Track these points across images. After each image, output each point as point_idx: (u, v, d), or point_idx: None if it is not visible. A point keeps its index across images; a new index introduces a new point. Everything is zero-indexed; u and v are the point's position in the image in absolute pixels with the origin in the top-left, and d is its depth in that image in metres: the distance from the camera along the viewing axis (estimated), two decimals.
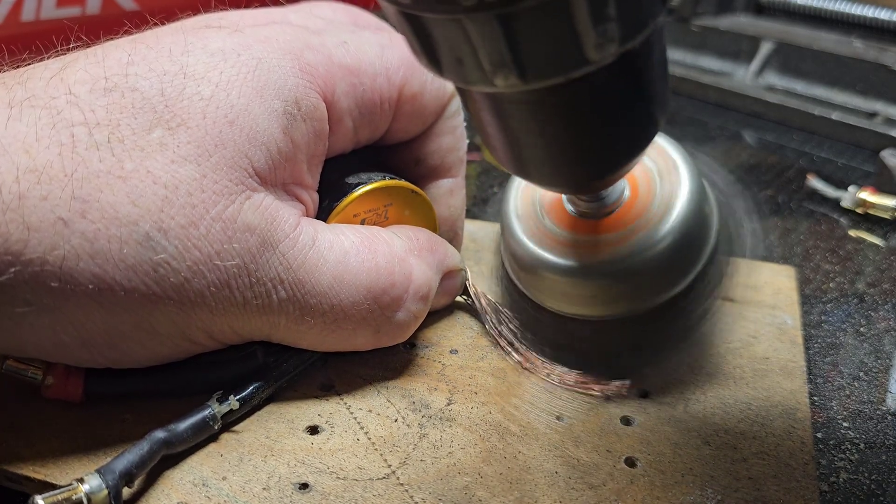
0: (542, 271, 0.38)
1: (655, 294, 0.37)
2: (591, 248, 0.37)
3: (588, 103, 0.28)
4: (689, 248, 0.37)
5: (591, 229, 0.37)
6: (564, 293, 0.38)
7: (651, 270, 0.36)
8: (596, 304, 0.38)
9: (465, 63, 0.26)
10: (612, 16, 0.24)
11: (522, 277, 0.40)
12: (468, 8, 0.23)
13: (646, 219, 0.37)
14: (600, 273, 0.37)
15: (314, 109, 0.35)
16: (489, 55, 0.25)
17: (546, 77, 0.26)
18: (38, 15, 0.52)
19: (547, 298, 0.39)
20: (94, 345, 0.32)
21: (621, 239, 0.37)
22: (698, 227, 0.37)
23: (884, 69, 0.65)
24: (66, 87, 0.32)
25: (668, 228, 0.36)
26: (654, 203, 0.37)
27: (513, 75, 0.25)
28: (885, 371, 0.41)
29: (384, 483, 0.33)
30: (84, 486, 0.30)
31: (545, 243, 0.38)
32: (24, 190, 0.29)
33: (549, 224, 0.39)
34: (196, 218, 0.32)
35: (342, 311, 0.36)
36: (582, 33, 0.24)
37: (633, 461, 0.34)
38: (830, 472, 0.35)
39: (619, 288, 0.37)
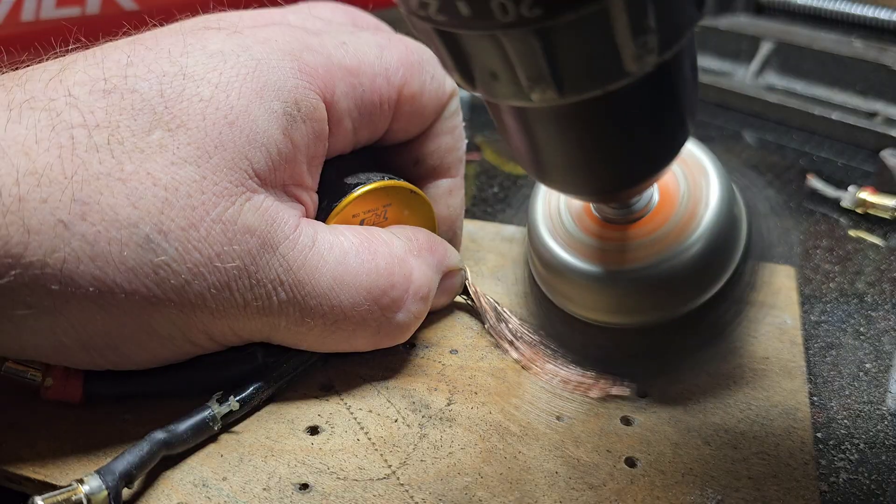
0: (569, 277, 0.37)
1: (684, 302, 0.36)
2: (619, 254, 0.36)
3: (622, 114, 0.28)
4: (719, 255, 0.36)
5: (619, 236, 0.37)
6: (590, 300, 0.37)
7: (680, 278, 0.35)
8: (622, 311, 0.37)
9: (500, 78, 0.25)
10: (651, 27, 0.24)
11: (548, 283, 0.39)
12: (506, 24, 0.23)
13: (674, 225, 0.36)
14: (627, 280, 0.36)
15: (314, 110, 0.35)
16: (526, 70, 0.24)
17: (584, 91, 0.25)
18: (38, 15, 0.52)
19: (572, 305, 0.38)
20: (94, 347, 0.32)
21: (649, 245, 0.36)
22: (728, 233, 0.36)
23: (884, 69, 0.66)
24: (65, 88, 0.32)
25: (697, 235, 0.35)
26: (683, 209, 0.36)
27: (550, 90, 0.25)
28: (885, 371, 0.41)
29: (384, 483, 0.33)
30: (84, 487, 0.30)
31: (572, 249, 0.37)
32: (24, 192, 0.29)
33: (576, 230, 0.38)
34: (196, 220, 0.32)
35: (342, 312, 0.36)
36: (621, 46, 0.24)
37: (633, 461, 0.34)
38: (830, 472, 0.35)
39: (645, 296, 0.36)
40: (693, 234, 0.35)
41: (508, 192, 0.59)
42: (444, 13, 0.23)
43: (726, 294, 0.37)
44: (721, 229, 0.36)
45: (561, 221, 0.38)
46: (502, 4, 0.22)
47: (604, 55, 0.24)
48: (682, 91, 0.29)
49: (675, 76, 0.28)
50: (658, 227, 0.36)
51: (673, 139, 0.30)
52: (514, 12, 0.22)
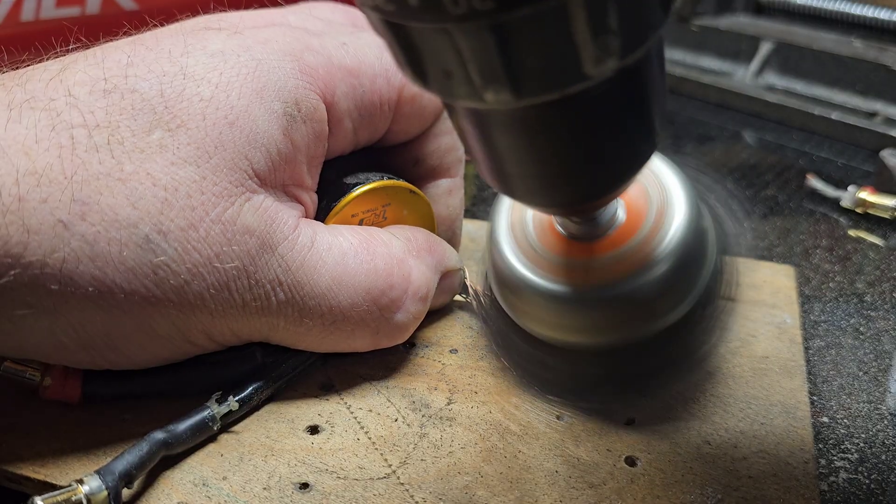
0: (531, 296, 0.36)
1: (651, 321, 0.35)
2: (583, 272, 0.35)
3: (583, 120, 0.26)
4: (687, 272, 0.35)
5: (584, 252, 0.35)
6: (552, 319, 0.36)
7: (647, 296, 0.34)
8: (585, 331, 0.35)
9: (453, 76, 0.24)
10: (612, 28, 0.23)
11: (510, 301, 0.38)
12: (458, 17, 0.21)
13: (641, 241, 0.34)
14: (593, 299, 0.34)
15: (314, 111, 0.35)
16: (480, 68, 0.23)
17: (540, 93, 0.24)
18: (38, 15, 0.52)
19: (533, 323, 0.37)
20: (93, 347, 0.32)
21: (615, 263, 0.34)
22: (696, 249, 0.35)
23: (884, 69, 0.66)
24: (65, 88, 0.32)
25: (664, 251, 0.34)
26: (649, 224, 0.35)
27: (505, 90, 0.24)
28: (885, 371, 0.41)
29: (385, 483, 0.33)
30: (84, 487, 0.30)
31: (535, 266, 0.36)
32: (24, 192, 0.29)
33: (539, 246, 0.36)
34: (196, 220, 0.32)
35: (341, 312, 0.36)
36: (580, 46, 0.23)
37: (633, 460, 0.34)
38: (830, 472, 0.35)
39: (612, 315, 0.35)
40: (659, 253, 0.34)
41: None
42: (392, 2, 0.22)
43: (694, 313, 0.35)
44: (688, 246, 0.34)
45: (524, 236, 0.37)
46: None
47: (562, 56, 0.23)
48: (647, 99, 0.27)
49: (639, 83, 0.26)
50: (623, 244, 0.35)
51: (638, 150, 0.29)
52: (466, 4, 0.21)
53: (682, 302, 0.35)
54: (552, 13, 0.22)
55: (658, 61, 0.28)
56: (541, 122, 0.26)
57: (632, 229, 0.35)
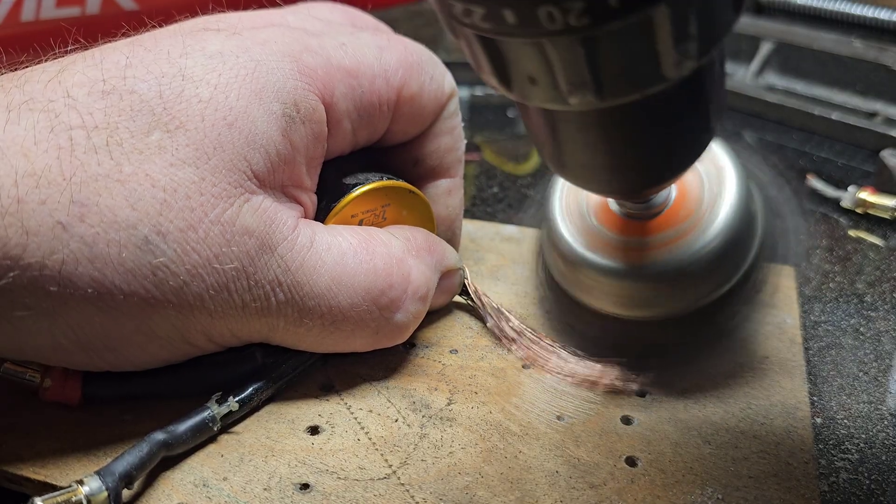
0: (589, 272, 0.38)
1: (701, 296, 0.37)
2: (639, 249, 0.37)
3: (655, 117, 0.28)
4: (737, 250, 0.37)
5: (639, 231, 0.37)
6: (610, 294, 0.38)
7: (699, 272, 0.36)
8: (641, 305, 0.38)
9: (538, 83, 0.25)
10: (693, 34, 0.24)
11: (568, 277, 0.40)
12: (553, 32, 0.23)
13: (694, 220, 0.36)
14: (647, 275, 0.36)
15: (313, 112, 0.35)
16: (567, 76, 0.25)
17: (623, 96, 0.25)
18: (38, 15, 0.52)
19: (591, 298, 0.39)
20: (93, 348, 0.32)
21: (669, 241, 0.36)
22: (745, 229, 0.37)
23: (884, 69, 0.65)
24: (63, 89, 0.32)
25: (716, 230, 0.36)
26: (702, 204, 0.37)
27: (589, 95, 0.25)
28: (885, 371, 0.41)
29: (385, 483, 0.33)
30: (84, 488, 0.30)
31: (592, 244, 0.38)
32: (23, 194, 0.29)
33: (596, 225, 0.38)
34: (195, 221, 0.32)
35: (341, 312, 0.36)
36: (662, 53, 0.24)
37: (633, 460, 0.34)
38: (830, 472, 0.35)
39: (665, 290, 0.37)
40: (712, 229, 0.36)
41: (508, 192, 0.59)
42: (489, 21, 0.23)
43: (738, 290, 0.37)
44: (739, 224, 0.36)
45: (581, 216, 0.39)
46: (550, 13, 0.22)
47: (644, 61, 0.24)
48: (713, 93, 0.29)
49: (707, 79, 0.28)
50: (676, 224, 0.36)
51: (701, 140, 0.31)
52: (562, 21, 0.22)
53: (730, 279, 0.37)
54: (639, 25, 0.23)
55: (721, 57, 0.29)
56: (616, 119, 0.27)
57: (685, 208, 0.37)
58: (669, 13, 0.23)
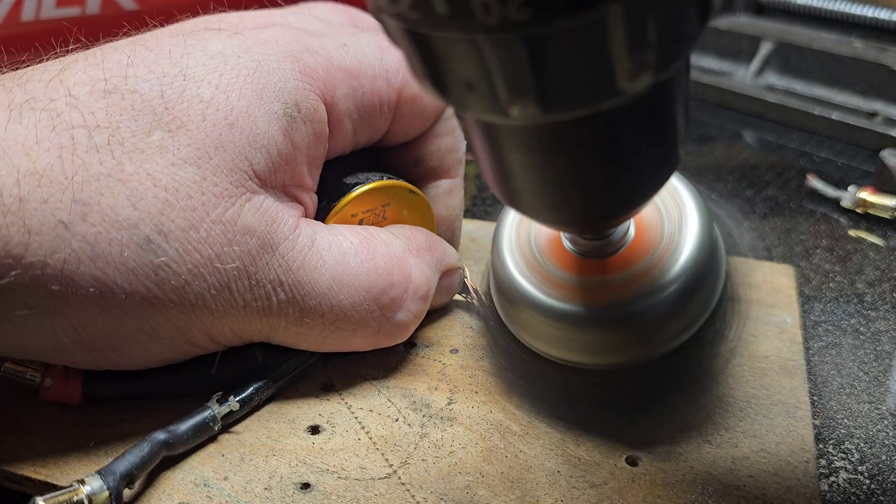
0: (536, 313, 0.35)
1: (663, 342, 0.35)
2: (595, 291, 0.34)
3: (607, 138, 0.25)
4: (701, 291, 0.34)
5: (594, 270, 0.34)
6: (561, 339, 0.35)
7: (661, 316, 0.33)
8: (596, 351, 0.35)
9: (476, 89, 0.23)
10: (651, 42, 0.22)
11: (514, 319, 0.37)
12: (489, 27, 0.20)
13: (653, 259, 0.34)
14: (604, 319, 0.34)
15: (314, 112, 0.35)
16: (507, 82, 0.22)
17: (570, 109, 0.23)
18: (38, 15, 0.52)
19: (536, 341, 0.36)
20: (94, 347, 0.32)
21: (627, 282, 0.34)
22: (709, 266, 0.34)
23: (884, 69, 0.65)
24: (65, 88, 0.32)
25: (678, 269, 0.33)
26: (662, 241, 0.34)
27: (532, 105, 0.22)
28: (885, 371, 0.41)
29: (386, 482, 0.33)
30: (85, 488, 0.30)
31: (543, 285, 0.35)
32: (25, 193, 0.29)
33: (547, 263, 0.36)
34: (196, 221, 0.32)
35: (342, 311, 0.36)
36: (616, 60, 0.22)
37: (634, 460, 0.34)
38: (830, 472, 0.35)
39: (623, 335, 0.34)
40: (675, 269, 0.33)
41: None
42: (417, 10, 0.21)
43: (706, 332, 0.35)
44: (703, 262, 0.34)
45: (530, 251, 0.36)
46: (485, 4, 0.20)
47: (596, 70, 0.22)
48: (674, 116, 0.26)
49: (667, 99, 0.25)
50: (636, 262, 0.34)
51: (661, 167, 0.28)
52: (499, 14, 0.20)
53: (697, 320, 0.34)
54: (590, 26, 0.21)
55: (686, 75, 0.26)
56: (562, 138, 0.25)
57: (645, 246, 0.34)
58: (625, 14, 0.21)
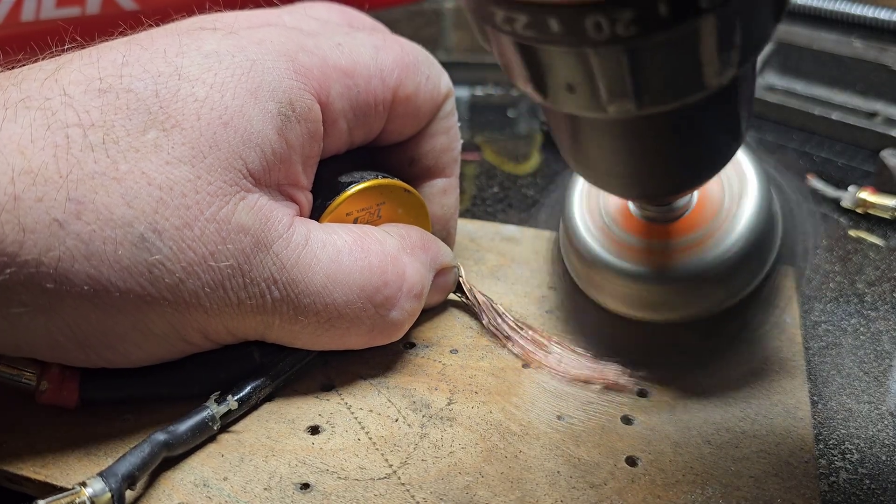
0: (608, 274, 0.37)
1: (722, 299, 0.37)
2: (661, 253, 0.36)
3: (688, 125, 0.27)
4: (759, 253, 0.36)
5: (660, 234, 0.37)
6: (629, 297, 0.38)
7: (721, 276, 0.36)
8: (660, 308, 0.37)
9: (577, 91, 0.25)
10: (736, 44, 0.24)
11: (587, 280, 0.39)
12: (598, 42, 0.22)
13: (716, 224, 0.36)
14: (668, 278, 0.36)
15: (308, 111, 0.35)
16: (608, 85, 0.24)
17: (662, 104, 0.25)
18: (38, 15, 0.52)
19: (609, 300, 0.39)
20: (89, 345, 0.32)
21: (692, 244, 0.36)
22: (767, 232, 0.37)
23: (884, 69, 0.65)
24: (60, 87, 0.32)
25: (739, 233, 0.36)
26: (723, 207, 0.37)
27: (629, 103, 0.25)
28: (885, 371, 0.41)
29: (385, 483, 0.33)
30: (87, 490, 0.30)
31: (613, 248, 0.37)
32: (20, 191, 0.29)
33: (616, 229, 0.38)
34: (190, 219, 0.32)
35: (336, 310, 0.36)
36: (705, 62, 0.24)
37: (634, 460, 0.34)
38: (830, 472, 0.35)
39: (685, 293, 0.37)
40: (735, 232, 0.36)
41: (508, 192, 0.59)
42: (532, 29, 0.23)
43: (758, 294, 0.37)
44: (762, 227, 0.36)
45: (601, 218, 0.38)
46: (597, 23, 0.22)
47: (688, 71, 0.24)
48: (745, 101, 0.28)
49: (742, 87, 0.28)
50: (698, 227, 0.36)
51: (730, 147, 0.30)
52: (609, 31, 0.22)
53: (751, 282, 0.37)
54: (686, 35, 0.23)
55: (754, 65, 0.29)
56: (649, 127, 0.27)
57: (707, 212, 0.36)
58: (716, 23, 0.23)
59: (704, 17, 0.22)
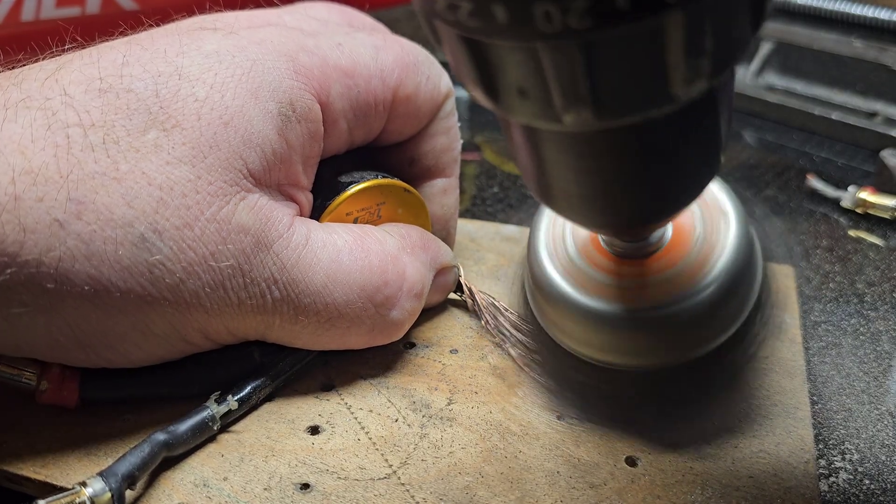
0: (576, 315, 0.34)
1: (699, 344, 0.34)
2: (634, 292, 0.34)
3: (656, 144, 0.25)
4: (738, 293, 0.34)
5: (633, 272, 0.34)
6: (598, 339, 0.35)
7: (696, 318, 0.33)
8: (632, 353, 0.34)
9: (529, 96, 0.23)
10: (707, 49, 0.22)
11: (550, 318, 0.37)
12: (548, 35, 0.20)
13: (692, 261, 0.33)
14: (639, 320, 0.33)
15: (309, 111, 0.35)
16: (563, 89, 0.22)
17: (623, 115, 0.23)
18: (38, 15, 0.52)
19: (576, 343, 0.36)
20: (89, 345, 0.32)
21: (667, 283, 0.33)
22: (747, 268, 0.34)
23: (884, 69, 0.65)
24: (61, 87, 0.32)
25: (717, 273, 0.33)
26: (699, 242, 0.34)
27: (586, 112, 0.22)
28: (885, 371, 0.41)
29: (385, 483, 0.33)
30: (87, 490, 0.30)
31: (579, 284, 0.35)
32: (20, 192, 0.29)
33: (584, 264, 0.35)
34: (191, 219, 0.32)
35: (336, 310, 0.36)
36: (672, 67, 0.21)
37: (633, 460, 0.34)
38: (830, 472, 0.35)
39: (659, 337, 0.34)
40: (712, 272, 0.33)
41: (508, 192, 0.59)
42: (476, 18, 0.21)
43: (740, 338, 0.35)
44: (741, 263, 0.34)
45: (566, 253, 0.36)
46: (547, 12, 0.20)
47: (651, 77, 0.22)
48: (720, 122, 0.26)
49: (715, 105, 0.25)
50: (674, 264, 0.34)
51: (704, 173, 0.28)
52: (560, 22, 0.20)
53: (736, 321, 0.34)
54: (649, 33, 0.21)
55: (731, 81, 0.27)
56: (610, 143, 0.25)
57: (683, 246, 0.34)
58: (684, 22, 0.20)
59: (670, 14, 0.20)
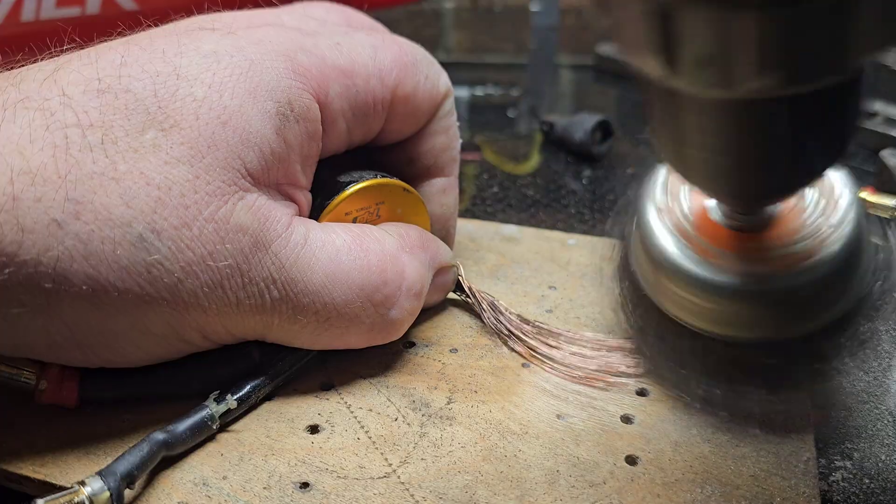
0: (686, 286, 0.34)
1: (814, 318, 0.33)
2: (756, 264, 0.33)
3: (813, 114, 0.25)
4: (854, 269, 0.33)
5: (753, 244, 0.34)
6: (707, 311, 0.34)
7: (806, 294, 0.33)
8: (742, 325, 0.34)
9: (713, 64, 0.22)
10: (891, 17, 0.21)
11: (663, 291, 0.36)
12: (756, 4, 0.20)
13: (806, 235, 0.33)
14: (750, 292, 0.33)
15: (307, 111, 0.35)
16: (749, 58, 0.21)
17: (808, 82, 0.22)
18: (38, 15, 0.52)
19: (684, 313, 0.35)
20: (88, 345, 0.32)
21: (785, 256, 0.33)
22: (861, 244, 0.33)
23: (884, 69, 0.65)
24: (59, 88, 0.32)
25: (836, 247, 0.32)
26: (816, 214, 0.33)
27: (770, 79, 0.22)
28: (885, 371, 0.41)
29: (385, 482, 0.33)
30: (86, 489, 0.30)
31: (698, 256, 0.34)
32: (18, 192, 0.29)
33: (697, 235, 0.35)
34: (189, 219, 0.32)
35: (335, 309, 0.36)
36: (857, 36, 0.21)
37: (633, 459, 0.34)
38: (830, 471, 0.35)
39: (775, 310, 0.33)
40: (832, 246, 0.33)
41: (508, 192, 0.59)
42: None
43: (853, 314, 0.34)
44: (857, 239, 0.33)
45: (681, 224, 0.35)
46: None
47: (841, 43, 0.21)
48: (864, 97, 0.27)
49: (861, 84, 0.26)
50: (791, 237, 0.33)
51: (842, 146, 0.28)
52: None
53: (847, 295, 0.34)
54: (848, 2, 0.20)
55: None
56: (767, 112, 0.25)
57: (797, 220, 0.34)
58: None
59: None
